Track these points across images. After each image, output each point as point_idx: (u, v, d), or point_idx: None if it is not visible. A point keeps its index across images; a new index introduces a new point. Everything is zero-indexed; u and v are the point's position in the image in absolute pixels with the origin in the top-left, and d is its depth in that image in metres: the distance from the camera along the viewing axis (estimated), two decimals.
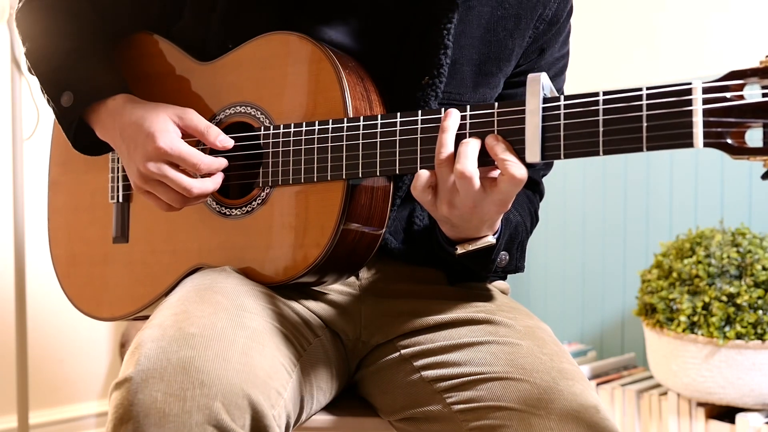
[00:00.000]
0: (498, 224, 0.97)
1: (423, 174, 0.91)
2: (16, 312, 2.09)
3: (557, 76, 1.16)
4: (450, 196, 0.90)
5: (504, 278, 1.19)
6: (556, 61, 1.15)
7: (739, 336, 1.84)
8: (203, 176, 1.02)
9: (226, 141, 1.02)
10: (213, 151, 1.05)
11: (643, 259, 2.41)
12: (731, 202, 2.21)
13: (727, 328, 1.85)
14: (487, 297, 1.11)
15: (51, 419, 2.46)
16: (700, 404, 1.98)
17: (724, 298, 1.86)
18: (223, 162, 1.03)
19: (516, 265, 1.07)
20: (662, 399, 2.06)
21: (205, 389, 0.81)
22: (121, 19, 1.17)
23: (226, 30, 1.07)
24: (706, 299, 1.88)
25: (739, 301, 1.84)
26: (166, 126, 1.01)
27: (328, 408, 1.08)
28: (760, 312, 1.83)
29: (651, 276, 2.04)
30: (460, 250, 0.97)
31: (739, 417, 1.88)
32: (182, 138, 1.02)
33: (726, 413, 1.95)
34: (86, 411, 2.54)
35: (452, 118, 0.90)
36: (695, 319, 1.89)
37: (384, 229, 1.03)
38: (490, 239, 0.97)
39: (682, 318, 1.90)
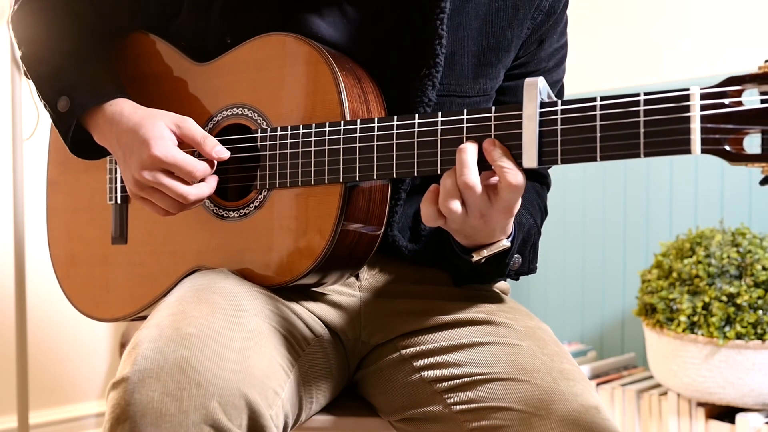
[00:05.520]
0: (511, 227, 0.96)
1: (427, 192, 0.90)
2: (16, 312, 2.09)
3: (557, 66, 1.17)
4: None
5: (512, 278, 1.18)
6: (555, 52, 1.15)
7: (739, 336, 1.84)
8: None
9: (222, 152, 1.01)
10: None
11: (643, 259, 2.41)
12: (731, 202, 2.21)
13: (727, 328, 1.85)
14: (488, 297, 1.10)
15: (51, 419, 2.46)
16: (700, 404, 1.98)
17: (724, 298, 1.85)
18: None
19: (528, 267, 1.06)
20: (662, 399, 2.06)
21: (201, 389, 0.81)
22: (121, 18, 1.16)
23: (224, 25, 1.07)
24: (706, 299, 1.87)
25: (739, 301, 1.84)
26: (161, 133, 0.99)
27: (328, 408, 1.08)
28: (760, 312, 1.83)
29: (651, 276, 2.03)
30: (476, 257, 0.96)
31: (739, 417, 1.87)
32: (178, 146, 1.01)
33: (726, 413, 1.95)
34: (86, 411, 2.54)
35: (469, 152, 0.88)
36: (695, 319, 1.89)
37: (382, 230, 1.03)
38: (505, 243, 0.95)
39: (682, 318, 1.90)
